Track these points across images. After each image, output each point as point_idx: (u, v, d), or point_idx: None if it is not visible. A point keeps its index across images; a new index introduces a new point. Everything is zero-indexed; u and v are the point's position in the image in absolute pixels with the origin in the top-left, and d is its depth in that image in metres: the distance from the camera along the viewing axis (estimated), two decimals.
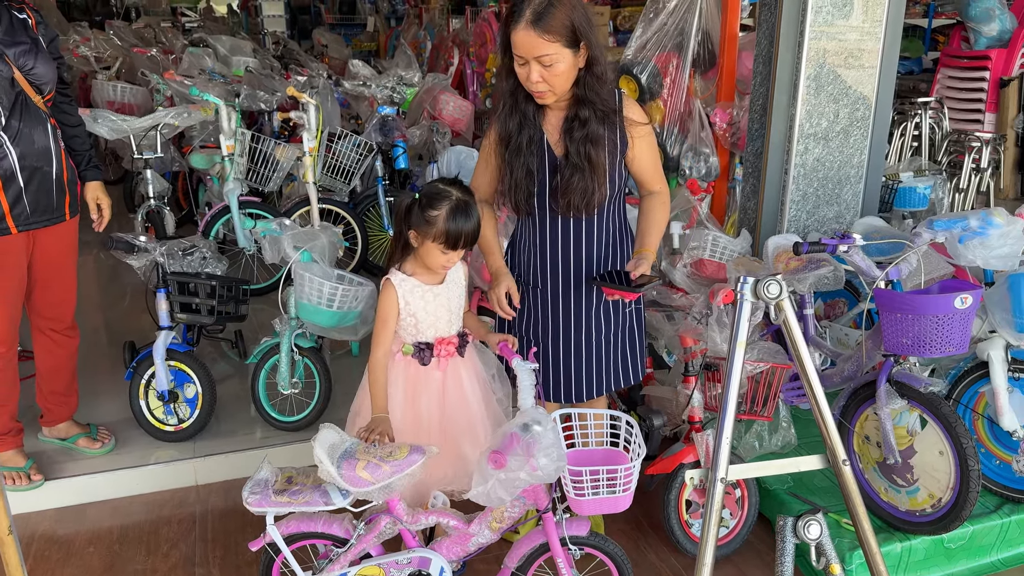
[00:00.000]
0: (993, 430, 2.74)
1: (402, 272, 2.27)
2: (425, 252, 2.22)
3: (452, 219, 2.17)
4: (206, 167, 4.91)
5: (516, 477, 1.89)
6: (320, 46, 10.25)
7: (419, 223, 2.19)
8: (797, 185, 3.53)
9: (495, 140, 2.34)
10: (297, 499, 2.13)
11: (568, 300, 2.41)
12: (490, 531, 2.19)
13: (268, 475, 2.19)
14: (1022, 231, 2.64)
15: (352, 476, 2.05)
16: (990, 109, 6.70)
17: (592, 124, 2.25)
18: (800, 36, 3.34)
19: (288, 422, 3.28)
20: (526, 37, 2.10)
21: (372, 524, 2.23)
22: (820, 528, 1.51)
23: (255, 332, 3.86)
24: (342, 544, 2.23)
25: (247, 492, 2.14)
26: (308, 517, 2.23)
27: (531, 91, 2.21)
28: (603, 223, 2.38)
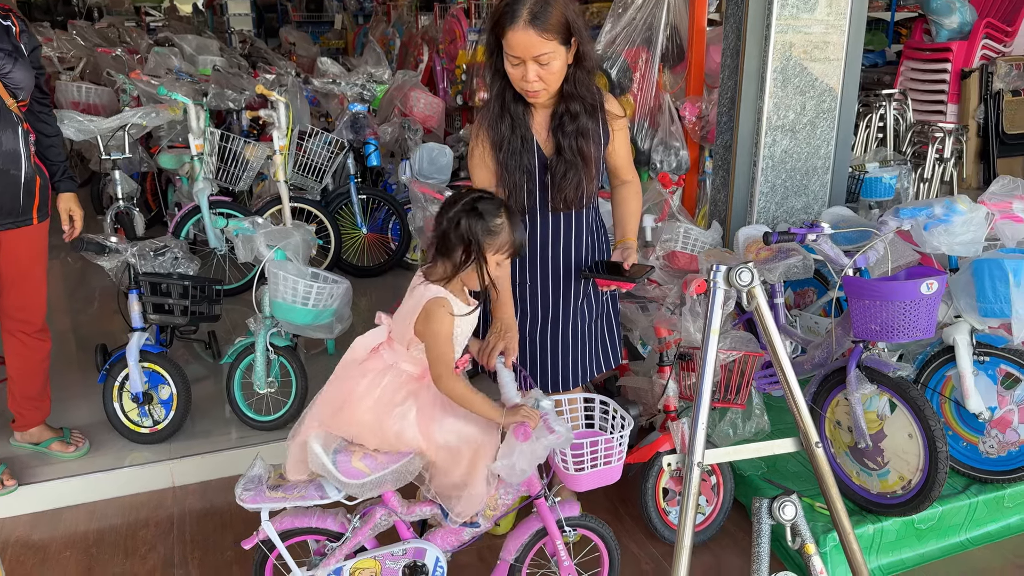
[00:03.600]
0: (960, 413, 2.81)
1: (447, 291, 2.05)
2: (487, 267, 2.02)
3: (516, 226, 2.03)
4: (175, 167, 4.87)
5: (539, 446, 1.93)
6: (288, 44, 10.19)
7: (483, 235, 1.98)
8: (766, 177, 3.58)
9: (487, 146, 2.28)
10: (292, 494, 2.12)
11: (556, 294, 2.42)
12: (484, 519, 2.20)
13: (261, 471, 2.19)
14: (984, 218, 2.70)
15: (348, 468, 2.06)
16: (952, 100, 6.84)
17: (582, 118, 2.25)
18: (766, 30, 3.39)
19: (265, 421, 3.27)
20: (524, 37, 2.07)
21: (367, 517, 2.23)
22: (795, 509, 1.55)
23: (229, 332, 3.84)
24: (336, 539, 2.23)
25: (240, 489, 2.14)
26: (302, 513, 2.22)
27: (526, 91, 2.18)
28: (587, 216, 2.40)
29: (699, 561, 2.69)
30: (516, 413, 2.00)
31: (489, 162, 2.28)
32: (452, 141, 5.69)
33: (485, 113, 2.28)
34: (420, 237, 4.02)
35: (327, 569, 2.21)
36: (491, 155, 2.28)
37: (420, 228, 3.93)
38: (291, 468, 2.14)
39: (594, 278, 2.30)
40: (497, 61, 2.19)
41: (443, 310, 2.01)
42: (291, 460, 2.14)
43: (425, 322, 2.02)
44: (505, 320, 2.29)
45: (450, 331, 2.03)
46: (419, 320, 2.03)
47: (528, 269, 2.39)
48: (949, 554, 2.73)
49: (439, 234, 2.03)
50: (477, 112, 2.33)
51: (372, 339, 2.16)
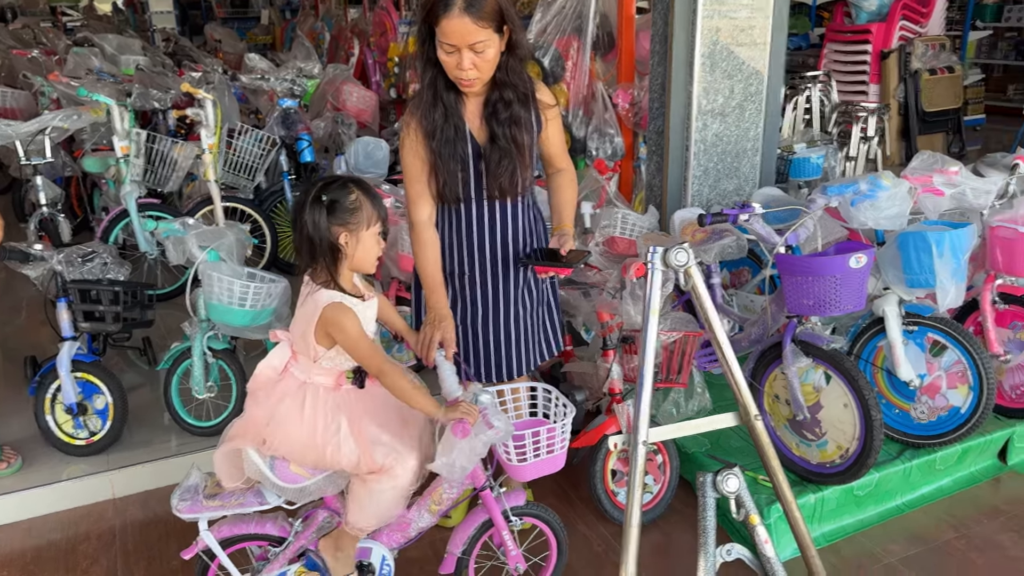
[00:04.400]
0: (892, 381, 2.91)
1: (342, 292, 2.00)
2: (362, 248, 1.98)
3: (372, 196, 1.99)
4: (100, 170, 4.71)
5: (478, 442, 1.92)
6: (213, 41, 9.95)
7: (343, 218, 1.94)
8: (698, 160, 3.64)
9: (420, 137, 2.24)
10: (230, 502, 2.09)
11: (496, 283, 2.42)
12: (429, 514, 2.20)
13: (197, 481, 2.14)
14: (908, 192, 2.80)
15: (287, 473, 2.03)
16: (873, 80, 7.04)
17: (515, 106, 2.25)
18: (693, 15, 3.44)
19: (205, 427, 3.20)
20: (460, 25, 2.04)
21: (309, 520, 2.20)
22: (738, 481, 1.59)
23: (164, 338, 3.75)
24: (279, 543, 2.20)
25: (176, 499, 2.09)
26: (241, 519, 2.18)
27: (460, 79, 2.15)
28: (523, 205, 2.40)
29: (649, 539, 2.74)
30: (455, 410, 1.98)
31: (421, 152, 2.25)
32: (387, 135, 5.63)
33: (417, 102, 2.24)
34: None
35: (270, 574, 2.18)
36: (423, 144, 2.25)
37: None
38: (225, 476, 2.09)
39: (532, 265, 2.31)
40: (429, 50, 2.16)
41: (343, 310, 1.96)
42: (222, 469, 2.08)
43: (334, 331, 1.97)
44: (439, 310, 2.27)
45: (360, 327, 1.98)
46: (320, 331, 1.98)
47: (466, 259, 2.38)
48: (887, 518, 2.84)
49: (303, 240, 1.95)
50: (409, 101, 2.29)
51: (277, 360, 2.09)
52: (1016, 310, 3.02)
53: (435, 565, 2.31)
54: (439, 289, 2.31)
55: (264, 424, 2.02)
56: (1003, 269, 2.92)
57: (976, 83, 8.65)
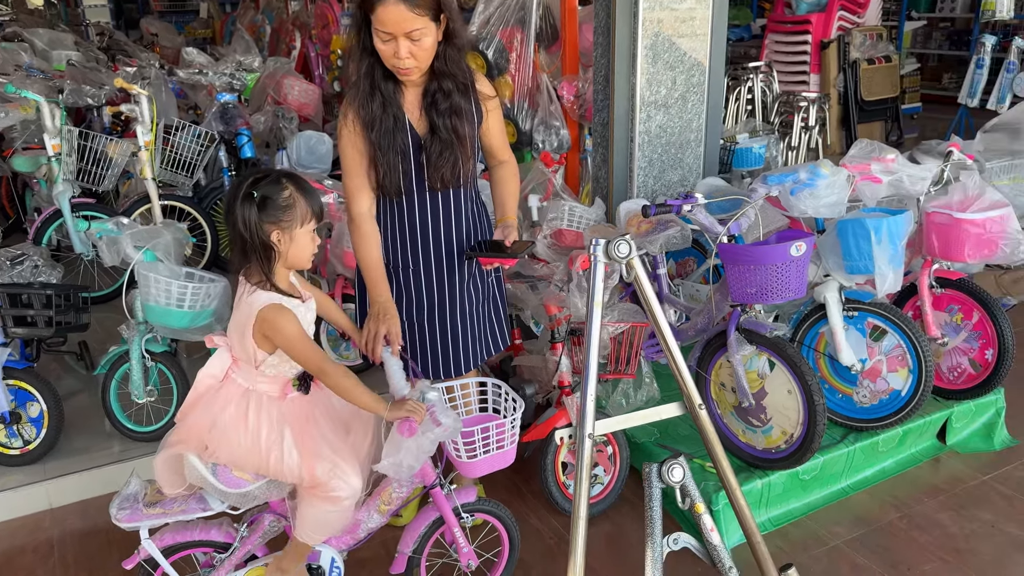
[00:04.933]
0: (834, 366, 2.96)
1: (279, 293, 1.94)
2: (296, 247, 1.92)
3: (306, 192, 1.92)
4: (31, 170, 4.55)
5: (425, 441, 1.89)
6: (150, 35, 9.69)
7: (276, 215, 1.87)
8: (643, 152, 3.65)
9: (358, 128, 2.20)
10: (172, 509, 2.04)
11: (441, 277, 2.39)
12: (379, 515, 2.17)
13: (137, 488, 2.08)
14: (846, 180, 2.84)
15: (229, 478, 1.98)
16: (814, 70, 7.16)
17: (455, 96, 2.22)
18: (635, 7, 3.44)
19: (146, 432, 3.12)
20: (396, 12, 2.01)
21: (255, 525, 2.16)
22: (683, 471, 1.59)
23: (102, 343, 3.63)
24: (224, 549, 2.15)
25: (115, 508, 2.03)
26: (184, 527, 2.13)
27: (397, 68, 2.12)
28: (466, 197, 2.38)
29: (600, 530, 2.75)
30: (401, 408, 1.96)
31: (359, 143, 2.21)
32: (330, 129, 5.54)
33: (354, 92, 2.19)
34: None
35: None
36: (362, 136, 2.21)
37: None
38: (165, 483, 2.03)
39: (477, 257, 2.29)
40: (365, 38, 2.13)
41: (281, 311, 1.90)
42: (162, 475, 2.02)
43: (272, 333, 1.91)
44: (382, 303, 2.23)
45: (300, 328, 1.93)
46: (258, 334, 1.92)
47: (409, 251, 2.35)
48: (832, 501, 2.89)
49: (235, 237, 1.89)
50: (346, 92, 2.24)
51: (217, 367, 2.03)
52: (953, 294, 3.10)
53: (386, 565, 2.29)
54: (382, 282, 2.27)
55: (207, 430, 1.97)
56: (939, 254, 2.98)
57: (912, 72, 8.86)
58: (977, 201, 2.89)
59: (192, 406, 2.02)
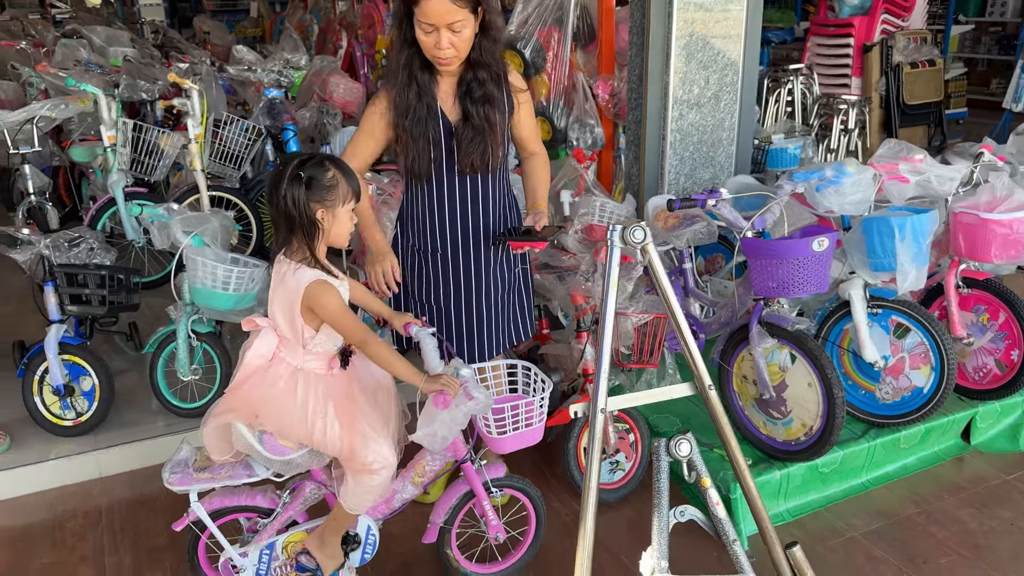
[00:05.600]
0: (858, 362, 3.00)
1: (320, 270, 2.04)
2: (338, 224, 2.03)
3: (346, 173, 2.03)
4: (88, 160, 4.77)
5: (459, 413, 2.00)
6: (202, 33, 9.98)
7: (321, 195, 1.98)
8: (674, 150, 3.72)
9: (387, 113, 2.33)
10: (220, 474, 2.16)
11: (468, 262, 2.49)
12: (413, 486, 2.28)
13: (188, 454, 2.22)
14: (872, 179, 2.88)
15: (275, 446, 2.10)
16: (856, 73, 7.12)
17: (488, 85, 2.34)
18: (669, 7, 3.51)
19: (190, 408, 3.28)
20: (439, 4, 2.13)
21: (296, 492, 2.28)
22: (689, 446, 1.67)
23: (151, 324, 3.79)
24: (267, 515, 2.28)
25: (167, 473, 2.16)
26: (231, 492, 2.26)
27: (437, 58, 2.23)
28: (496, 185, 2.48)
29: (622, 515, 2.83)
30: (436, 381, 2.06)
31: (377, 130, 2.36)
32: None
33: (392, 81, 2.31)
34: None
35: (259, 545, 2.26)
36: (387, 123, 2.35)
37: None
38: (214, 450, 2.16)
39: (506, 241, 2.39)
40: (407, 30, 2.24)
41: (326, 286, 2.00)
42: (211, 443, 2.15)
43: (318, 307, 2.01)
44: (378, 246, 2.37)
45: (342, 302, 2.04)
46: (305, 310, 2.03)
47: (438, 235, 2.45)
48: (851, 495, 2.93)
49: (281, 215, 2.00)
50: (382, 80, 2.36)
51: (265, 347, 2.12)
52: (979, 294, 3.12)
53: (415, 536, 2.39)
54: (374, 226, 2.42)
55: (257, 400, 2.08)
56: (965, 254, 3.00)
57: (958, 77, 8.74)
58: (1005, 202, 2.90)
59: (240, 384, 2.13)
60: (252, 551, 2.27)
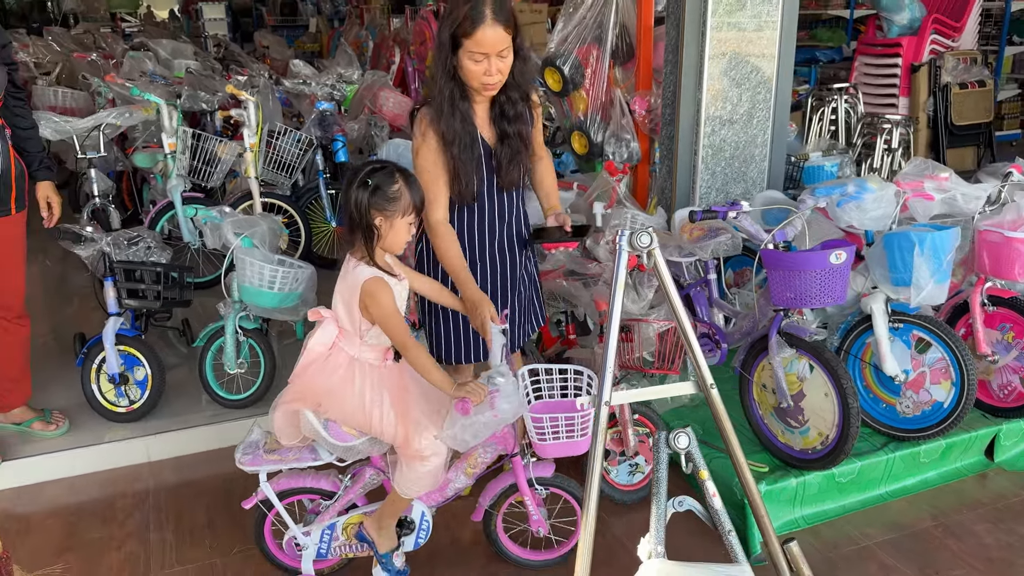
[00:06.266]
0: (879, 376, 3.04)
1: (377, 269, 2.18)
2: (394, 233, 2.15)
3: (412, 187, 2.15)
4: (150, 165, 5.04)
5: (478, 421, 2.12)
6: (262, 48, 10.36)
7: (383, 204, 2.10)
8: (706, 165, 3.81)
9: (437, 145, 2.38)
10: (287, 457, 2.33)
11: (505, 266, 2.62)
12: (465, 476, 2.41)
13: (259, 437, 2.40)
14: (894, 195, 2.94)
15: (339, 432, 2.26)
16: (903, 93, 7.11)
17: (519, 105, 2.46)
18: (703, 26, 3.61)
19: (235, 400, 3.46)
20: (493, 33, 2.25)
21: (357, 477, 2.45)
22: (688, 439, 1.76)
23: (203, 322, 4.00)
24: (330, 497, 2.45)
25: (240, 454, 2.34)
26: (297, 474, 2.44)
27: (486, 85, 2.33)
28: (520, 194, 2.62)
29: (642, 515, 2.90)
30: (463, 388, 2.17)
31: (439, 159, 2.38)
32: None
33: (435, 113, 2.37)
34: None
35: (322, 525, 2.43)
36: (440, 151, 2.39)
37: None
38: (283, 434, 2.32)
39: (542, 243, 2.51)
40: (451, 63, 2.33)
41: (381, 284, 2.14)
42: (280, 428, 2.31)
43: (371, 304, 2.16)
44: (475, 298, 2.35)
45: (393, 302, 2.18)
46: (363, 304, 2.18)
47: (477, 248, 2.57)
48: (869, 506, 2.97)
49: (346, 214, 2.15)
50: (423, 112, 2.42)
51: (326, 336, 2.27)
52: (1004, 312, 3.13)
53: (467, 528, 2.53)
54: (469, 276, 2.42)
55: (320, 390, 2.25)
56: (990, 272, 3.03)
57: (1013, 98, 8.63)
58: None
59: (304, 369, 2.28)
60: (314, 530, 2.44)
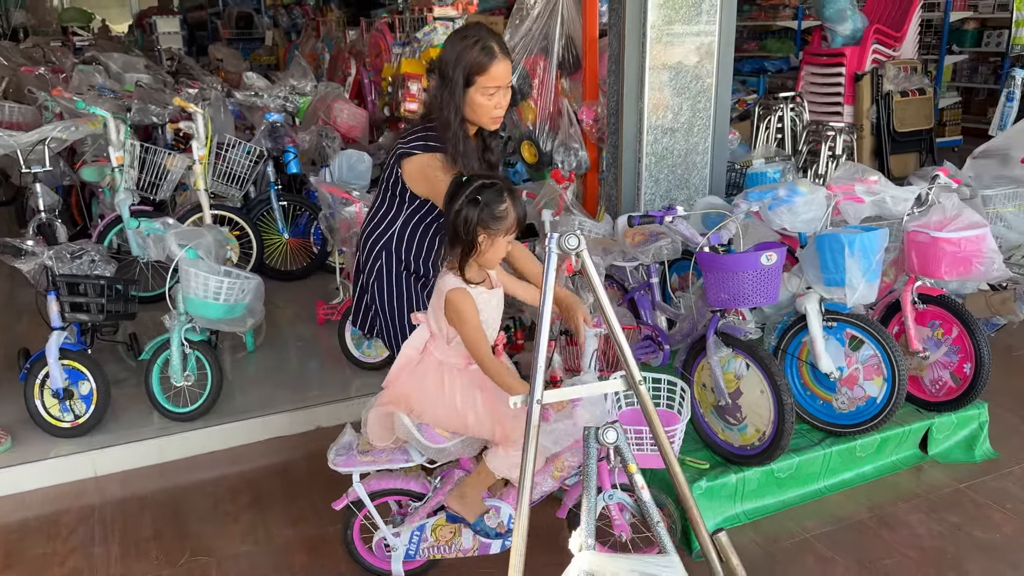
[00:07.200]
0: (815, 374, 3.13)
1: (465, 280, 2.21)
2: (494, 250, 2.17)
3: (517, 205, 2.17)
4: (97, 180, 5.01)
5: (558, 428, 2.16)
6: (216, 61, 10.31)
7: (489, 222, 2.12)
8: (650, 172, 3.89)
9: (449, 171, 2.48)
10: (380, 458, 2.37)
11: None
12: (552, 479, 2.42)
13: (351, 438, 2.43)
14: (824, 198, 3.04)
15: (432, 434, 2.29)
16: (847, 101, 7.30)
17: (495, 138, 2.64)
18: (643, 37, 3.70)
19: (183, 413, 3.45)
20: (504, 67, 2.41)
21: (446, 479, 2.47)
22: (616, 434, 1.82)
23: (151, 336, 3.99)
24: (419, 499, 2.48)
25: (333, 455, 2.38)
26: (387, 476, 2.47)
27: (495, 118, 2.49)
28: None
29: None
30: None
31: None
32: (374, 148, 5.91)
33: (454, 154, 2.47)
34: (332, 237, 4.24)
35: (411, 526, 2.46)
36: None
37: (332, 228, 4.15)
38: (375, 436, 2.37)
39: None
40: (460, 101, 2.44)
41: (463, 297, 2.18)
42: (373, 430, 2.36)
43: (452, 313, 2.21)
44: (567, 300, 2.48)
45: (475, 316, 2.20)
46: (447, 312, 2.23)
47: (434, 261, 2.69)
48: (808, 500, 3.05)
49: (449, 225, 2.18)
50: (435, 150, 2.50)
51: (418, 340, 2.35)
52: (934, 310, 3.24)
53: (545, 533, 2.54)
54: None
55: (412, 395, 2.30)
56: (919, 271, 3.14)
57: (953, 105, 8.90)
58: (954, 221, 3.05)
59: (398, 373, 2.35)
60: (404, 531, 2.47)
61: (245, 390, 3.75)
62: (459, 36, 2.47)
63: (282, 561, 2.76)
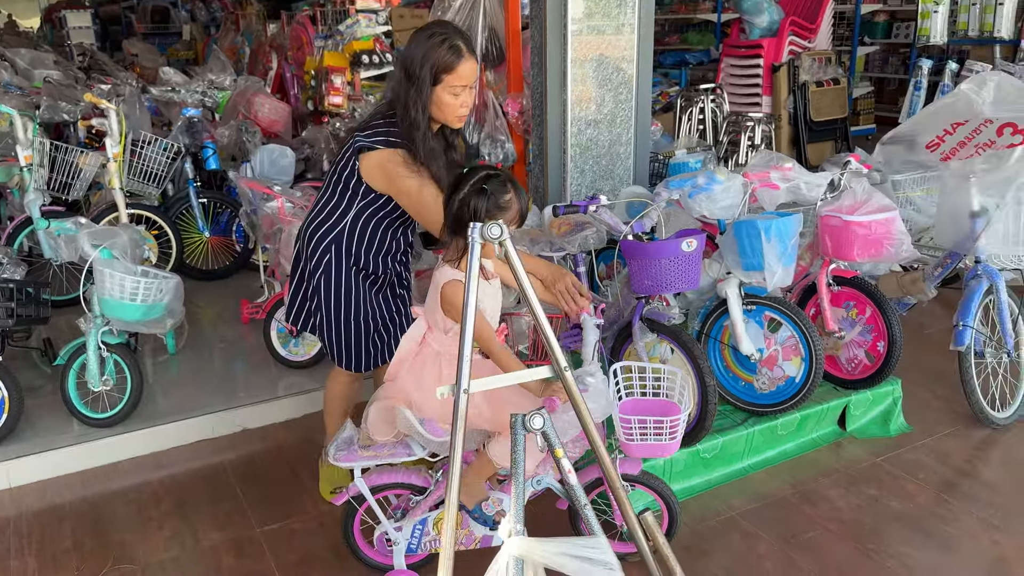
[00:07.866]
0: (737, 356, 3.21)
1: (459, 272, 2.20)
2: None
3: (520, 197, 2.18)
4: (5, 180, 4.79)
5: (563, 419, 2.14)
6: (130, 56, 9.99)
7: (493, 212, 2.12)
8: (575, 164, 3.93)
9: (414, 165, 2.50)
10: (382, 452, 2.33)
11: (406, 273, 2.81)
12: (554, 472, 2.39)
13: (351, 434, 2.39)
14: (741, 186, 3.12)
15: (434, 428, 2.25)
16: (766, 92, 7.49)
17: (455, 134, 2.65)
18: (564, 30, 3.73)
19: (102, 418, 3.34)
20: (471, 66, 2.41)
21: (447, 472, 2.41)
22: (543, 420, 1.84)
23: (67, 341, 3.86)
24: (421, 492, 2.45)
25: (334, 450, 2.33)
26: (389, 470, 2.43)
27: (461, 117, 2.50)
28: None
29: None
30: (548, 389, 2.18)
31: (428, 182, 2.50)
32: (297, 143, 5.81)
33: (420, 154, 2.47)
34: (255, 234, 4.16)
35: (413, 520, 2.42)
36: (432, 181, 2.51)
37: (253, 224, 4.07)
38: (377, 431, 2.33)
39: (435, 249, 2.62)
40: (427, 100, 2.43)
41: (459, 288, 2.13)
42: (375, 424, 2.33)
43: (448, 306, 2.19)
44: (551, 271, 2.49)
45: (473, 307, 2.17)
46: (443, 304, 2.20)
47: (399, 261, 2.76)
48: (734, 479, 3.13)
49: (452, 214, 2.16)
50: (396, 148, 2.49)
51: (416, 332, 2.34)
52: (848, 291, 3.37)
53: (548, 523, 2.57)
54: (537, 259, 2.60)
55: (412, 390, 2.29)
56: (833, 254, 3.25)
57: (866, 95, 9.22)
58: (865, 205, 3.16)
59: (398, 366, 2.34)
60: (406, 525, 2.43)
61: (168, 393, 3.66)
62: (425, 34, 2.45)
63: (210, 564, 2.70)
